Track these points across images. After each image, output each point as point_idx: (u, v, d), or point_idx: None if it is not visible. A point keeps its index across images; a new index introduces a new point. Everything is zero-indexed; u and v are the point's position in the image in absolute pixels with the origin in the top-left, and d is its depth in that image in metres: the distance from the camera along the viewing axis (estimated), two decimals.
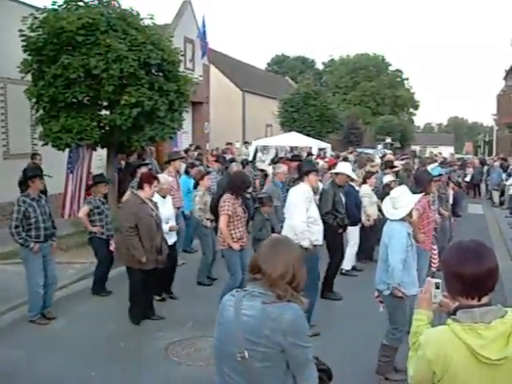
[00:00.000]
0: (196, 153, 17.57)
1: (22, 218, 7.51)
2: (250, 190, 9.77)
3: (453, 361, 2.50)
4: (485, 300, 2.58)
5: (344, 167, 9.27)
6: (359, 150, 32.16)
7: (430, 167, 12.49)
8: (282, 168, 10.80)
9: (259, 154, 23.20)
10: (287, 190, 8.58)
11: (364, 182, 11.02)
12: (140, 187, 7.50)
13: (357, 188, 10.56)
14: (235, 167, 11.99)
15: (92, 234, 8.78)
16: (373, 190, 11.10)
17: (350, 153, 26.43)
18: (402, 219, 5.94)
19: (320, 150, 24.36)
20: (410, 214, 6.04)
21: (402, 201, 5.97)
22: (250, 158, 21.25)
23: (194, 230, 10.54)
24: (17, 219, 7.49)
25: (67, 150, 11.98)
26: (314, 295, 7.28)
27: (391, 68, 73.02)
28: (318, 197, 8.93)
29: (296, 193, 7.51)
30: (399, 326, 5.87)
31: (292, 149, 23.90)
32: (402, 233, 5.88)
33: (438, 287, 2.86)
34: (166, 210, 8.31)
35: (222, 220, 7.81)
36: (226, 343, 2.88)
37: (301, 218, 7.25)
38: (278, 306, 2.79)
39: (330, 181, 9.79)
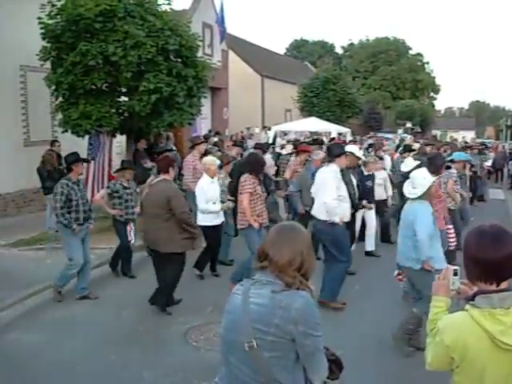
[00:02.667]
0: (216, 138, 17.57)
1: (65, 200, 7.81)
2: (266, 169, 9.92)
3: (471, 346, 2.48)
4: (504, 285, 2.55)
5: (352, 148, 9.65)
6: (379, 134, 31.96)
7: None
8: (320, 155, 10.74)
9: (278, 139, 23.14)
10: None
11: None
12: (166, 171, 7.46)
13: (365, 172, 10.57)
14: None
15: (113, 216, 9.13)
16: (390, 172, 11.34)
17: (370, 137, 26.30)
18: (422, 198, 6.17)
19: (339, 134, 24.25)
20: (428, 194, 6.24)
21: (420, 180, 6.22)
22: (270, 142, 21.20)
23: None
24: (61, 201, 7.77)
25: (87, 136, 12.05)
26: (346, 266, 7.80)
27: (411, 52, 72.19)
28: None
29: (326, 172, 7.74)
30: None
31: (311, 134, 23.82)
32: (427, 210, 6.14)
33: (456, 274, 2.82)
34: (214, 191, 8.67)
35: (245, 198, 7.98)
36: (233, 332, 2.83)
37: (332, 195, 7.47)
38: (287, 294, 2.74)
39: None
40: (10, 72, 13.14)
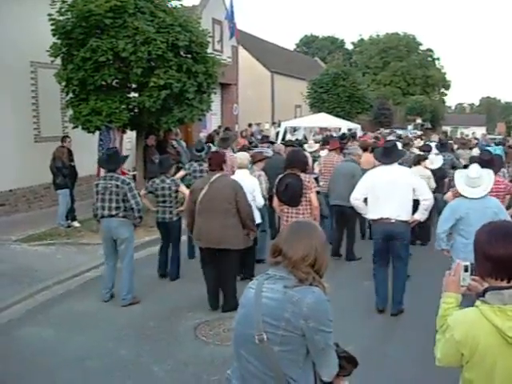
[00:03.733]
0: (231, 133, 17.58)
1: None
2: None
3: (481, 342, 2.48)
4: None
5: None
6: (387, 130, 31.87)
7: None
8: (358, 150, 10.76)
9: (288, 135, 23.13)
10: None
11: None
12: (221, 168, 7.36)
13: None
14: (279, 147, 12.02)
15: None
16: None
17: (390, 133, 26.20)
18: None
19: (349, 130, 24.20)
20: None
21: (483, 178, 6.28)
22: (280, 139, 21.23)
23: None
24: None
25: (97, 132, 12.09)
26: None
27: (422, 48, 71.94)
28: None
29: (411, 173, 7.67)
30: None
31: (321, 130, 23.79)
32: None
33: (466, 270, 2.81)
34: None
35: (315, 197, 7.64)
36: (244, 325, 2.86)
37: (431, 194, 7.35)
38: (299, 290, 2.75)
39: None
40: (21, 68, 13.19)
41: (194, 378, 5.58)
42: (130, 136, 14.00)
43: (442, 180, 11.07)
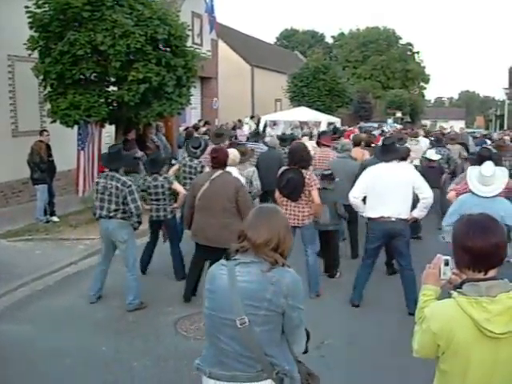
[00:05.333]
0: (205, 128, 17.54)
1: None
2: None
3: (457, 334, 2.51)
4: (491, 274, 2.59)
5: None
6: (369, 124, 32.05)
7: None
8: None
9: (268, 129, 23.14)
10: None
11: None
12: (225, 164, 7.14)
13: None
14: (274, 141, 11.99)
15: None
16: None
17: (360, 127, 26.35)
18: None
19: (329, 124, 24.26)
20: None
21: (496, 177, 6.10)
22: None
23: None
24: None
25: (76, 126, 11.98)
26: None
27: (401, 41, 72.26)
28: None
29: (410, 169, 7.60)
30: None
31: (301, 123, 23.82)
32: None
33: (447, 264, 2.84)
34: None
35: (317, 194, 7.58)
36: (221, 311, 2.93)
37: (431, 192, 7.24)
38: (276, 271, 2.88)
39: None
40: None
41: (175, 373, 5.58)
42: (109, 130, 13.88)
43: (440, 175, 11.14)
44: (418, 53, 73.14)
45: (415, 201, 7.21)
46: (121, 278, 8.27)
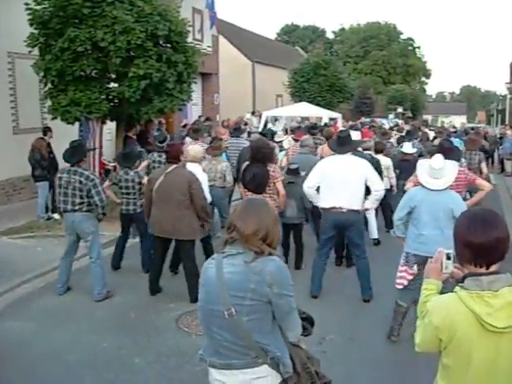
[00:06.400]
0: (206, 124, 17.52)
1: None
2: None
3: (459, 328, 2.51)
4: (493, 268, 2.58)
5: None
6: (368, 119, 32.01)
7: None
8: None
9: (269, 125, 23.10)
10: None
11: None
12: (178, 159, 7.40)
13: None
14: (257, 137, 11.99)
15: None
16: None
17: (362, 123, 26.31)
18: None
19: (331, 119, 24.21)
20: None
21: (446, 170, 6.06)
22: (260, 129, 21.20)
23: None
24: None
25: (77, 123, 11.96)
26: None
27: (403, 36, 72.21)
28: None
29: (363, 161, 7.59)
30: None
31: (302, 119, 23.78)
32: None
33: (449, 258, 2.83)
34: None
35: (281, 185, 7.86)
36: (211, 303, 3.03)
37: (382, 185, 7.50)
38: (259, 261, 2.96)
39: None
40: None
41: (176, 369, 5.58)
42: (110, 127, 13.87)
43: (414, 169, 11.14)
44: (418, 48, 73.08)
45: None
46: (122, 276, 8.31)
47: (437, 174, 5.98)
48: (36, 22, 10.96)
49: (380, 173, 8.87)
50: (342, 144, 7.48)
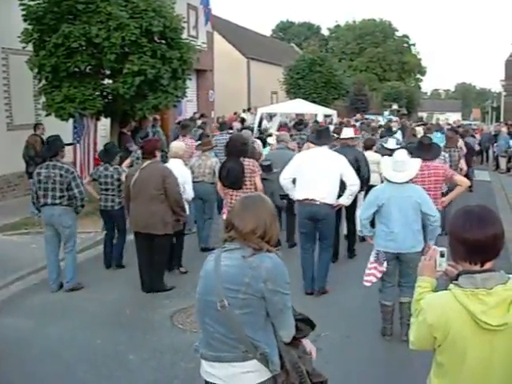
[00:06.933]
0: (200, 121, 17.48)
1: None
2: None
3: (453, 326, 2.50)
4: (488, 266, 2.56)
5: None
6: (365, 116, 32.04)
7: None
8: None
9: (264, 122, 23.08)
10: None
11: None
12: (154, 155, 7.51)
13: None
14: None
15: None
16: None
17: (356, 120, 26.32)
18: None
19: (326, 116, 24.20)
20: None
21: (409, 164, 6.09)
22: (256, 125, 21.23)
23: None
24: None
25: (71, 120, 11.93)
26: None
27: (398, 33, 72.19)
28: None
29: (337, 156, 7.66)
30: None
31: (297, 116, 23.76)
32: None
33: (443, 255, 2.83)
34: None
35: (259, 180, 8.15)
36: (206, 294, 3.06)
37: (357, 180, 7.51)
38: (257, 256, 2.97)
39: None
40: None
41: (171, 366, 5.57)
42: (105, 123, 13.83)
43: None
44: (413, 45, 73.12)
45: None
46: (117, 273, 8.30)
47: (400, 167, 6.00)
48: (30, 17, 10.93)
49: (368, 167, 9.00)
50: (320, 137, 7.71)
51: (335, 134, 10.58)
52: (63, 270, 7.84)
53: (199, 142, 10.64)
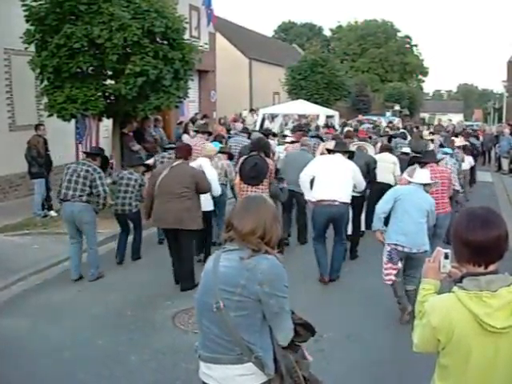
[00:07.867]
0: (203, 121, 17.47)
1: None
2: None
3: (457, 328, 2.49)
4: (492, 268, 2.55)
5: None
6: (365, 117, 32.01)
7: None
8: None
9: (266, 122, 23.06)
10: None
11: None
12: (186, 158, 7.80)
13: None
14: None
15: None
16: None
17: (359, 121, 26.32)
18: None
19: (328, 117, 24.18)
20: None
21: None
22: (258, 126, 21.21)
23: None
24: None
25: (73, 120, 11.92)
26: None
27: (400, 34, 72.07)
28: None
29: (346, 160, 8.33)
30: None
31: (300, 117, 23.74)
32: None
33: (447, 257, 2.81)
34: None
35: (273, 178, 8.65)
36: (203, 295, 3.06)
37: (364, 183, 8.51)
38: (254, 258, 2.93)
39: None
40: None
41: (172, 367, 5.57)
42: (107, 124, 13.82)
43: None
44: (416, 46, 73.04)
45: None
46: (119, 274, 8.29)
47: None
48: (32, 18, 10.90)
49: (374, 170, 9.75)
50: (338, 146, 8.51)
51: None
52: (84, 263, 8.25)
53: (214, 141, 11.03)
